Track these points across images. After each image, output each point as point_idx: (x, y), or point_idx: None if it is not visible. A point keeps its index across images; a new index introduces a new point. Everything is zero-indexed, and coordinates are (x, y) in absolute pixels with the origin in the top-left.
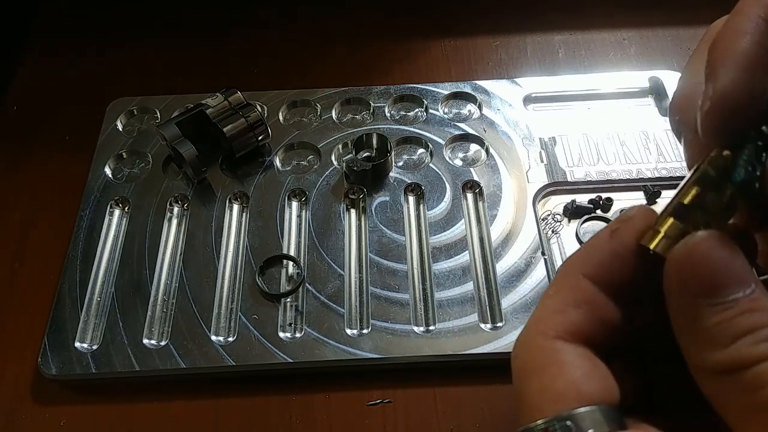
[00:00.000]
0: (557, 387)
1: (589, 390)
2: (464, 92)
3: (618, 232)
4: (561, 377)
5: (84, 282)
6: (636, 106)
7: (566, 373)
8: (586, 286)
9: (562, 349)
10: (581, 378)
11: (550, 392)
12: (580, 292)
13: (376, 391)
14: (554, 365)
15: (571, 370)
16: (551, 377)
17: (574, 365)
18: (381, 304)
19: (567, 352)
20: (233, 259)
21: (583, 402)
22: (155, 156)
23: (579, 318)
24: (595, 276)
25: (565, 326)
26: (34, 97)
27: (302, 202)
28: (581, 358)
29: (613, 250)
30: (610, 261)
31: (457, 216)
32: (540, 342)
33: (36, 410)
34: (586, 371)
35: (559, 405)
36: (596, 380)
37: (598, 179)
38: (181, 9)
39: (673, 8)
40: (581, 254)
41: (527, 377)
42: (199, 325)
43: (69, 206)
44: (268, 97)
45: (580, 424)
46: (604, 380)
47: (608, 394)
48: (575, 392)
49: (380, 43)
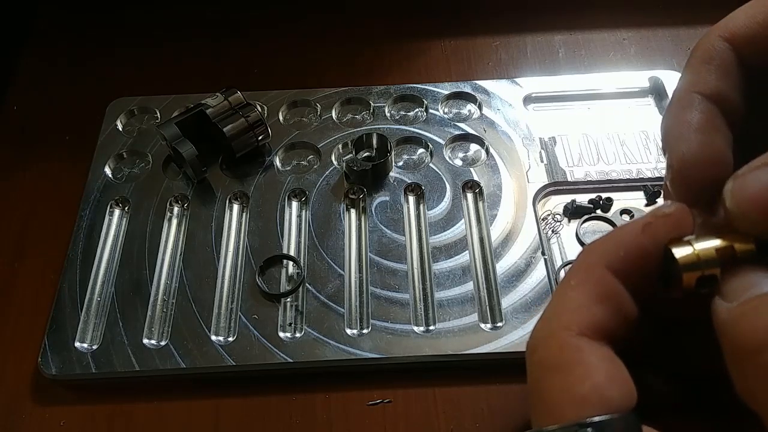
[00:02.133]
0: (582, 390)
1: (611, 396)
2: (464, 92)
3: (651, 227)
4: (586, 380)
5: (84, 282)
6: (636, 106)
7: (591, 377)
8: (611, 281)
9: (587, 348)
10: (605, 382)
11: (573, 395)
12: (604, 287)
13: (376, 391)
14: (579, 365)
15: (596, 373)
16: (576, 379)
17: (599, 368)
18: (381, 304)
19: (591, 352)
20: (233, 259)
21: (605, 408)
22: (155, 156)
23: (604, 315)
24: (620, 271)
25: (589, 323)
26: (34, 97)
27: (302, 202)
28: (605, 359)
29: (643, 246)
30: (638, 257)
31: (457, 216)
32: (564, 338)
33: (36, 410)
34: (611, 375)
35: (581, 410)
36: (618, 385)
37: (598, 179)
38: (181, 9)
39: (673, 8)
40: (606, 245)
41: (548, 375)
42: (199, 325)
43: (69, 206)
44: (268, 97)
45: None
46: (625, 385)
47: (629, 400)
48: (599, 397)
49: (380, 43)
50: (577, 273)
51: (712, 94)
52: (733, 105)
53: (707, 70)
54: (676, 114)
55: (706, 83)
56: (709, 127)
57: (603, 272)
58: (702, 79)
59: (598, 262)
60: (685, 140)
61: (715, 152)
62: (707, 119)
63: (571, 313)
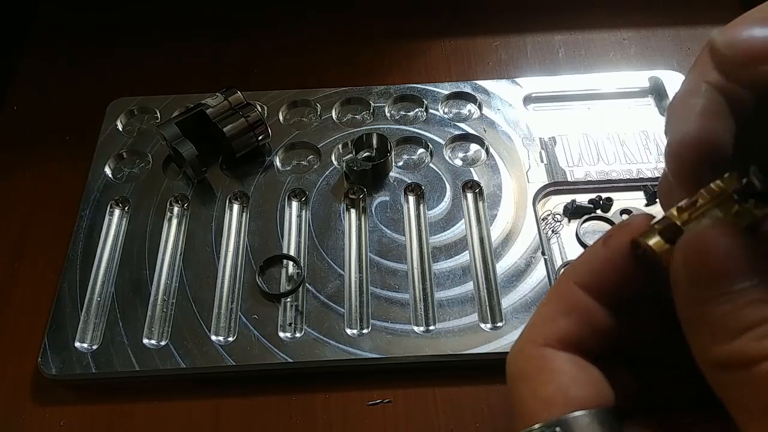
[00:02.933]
0: (546, 393)
1: (578, 395)
2: (464, 92)
3: (611, 239)
4: (549, 383)
5: (84, 282)
6: (636, 106)
7: (554, 380)
8: (577, 293)
9: (551, 356)
10: (569, 383)
11: (540, 399)
12: (570, 299)
13: (376, 391)
14: (543, 372)
15: (559, 376)
16: (540, 384)
17: (562, 371)
18: (381, 304)
19: (555, 359)
20: (233, 259)
21: (572, 407)
22: (155, 156)
23: (569, 326)
24: (587, 284)
25: (554, 334)
26: (34, 97)
27: (302, 202)
28: (569, 364)
29: (605, 257)
30: (602, 268)
31: (457, 216)
32: (530, 350)
33: (36, 410)
34: (574, 376)
35: (549, 411)
36: (586, 385)
37: (598, 179)
38: (181, 9)
39: (673, 8)
40: (576, 263)
41: (518, 384)
42: (199, 325)
43: (69, 206)
44: (268, 97)
45: (570, 429)
46: (594, 384)
47: (600, 397)
48: (563, 397)
49: (380, 43)
50: (549, 292)
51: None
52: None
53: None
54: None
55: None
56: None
57: (570, 287)
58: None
59: (567, 278)
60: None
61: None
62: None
63: (538, 327)
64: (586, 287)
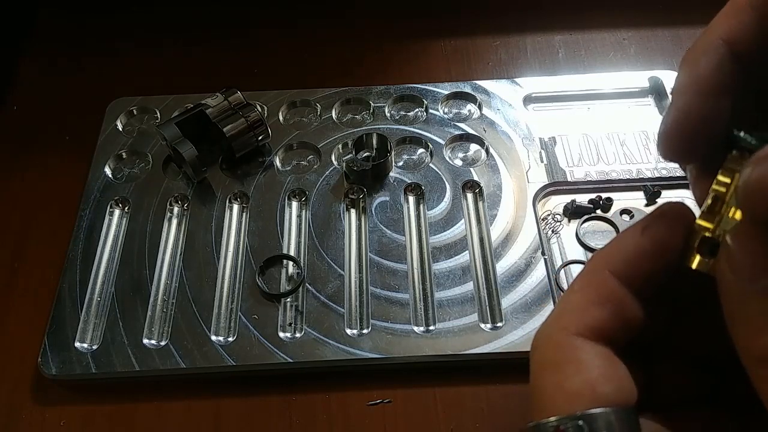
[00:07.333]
0: (573, 385)
1: (605, 391)
2: (464, 92)
3: (649, 228)
4: (578, 376)
5: (84, 282)
6: (636, 106)
7: (583, 372)
8: (612, 283)
9: (582, 346)
10: (598, 378)
11: (566, 390)
12: (606, 289)
13: (376, 391)
14: (572, 363)
15: (589, 369)
16: (568, 375)
17: (593, 364)
18: (381, 304)
19: (586, 351)
20: (233, 259)
21: (597, 403)
22: (155, 156)
23: (603, 316)
24: (622, 273)
25: (587, 324)
26: (34, 97)
27: (302, 202)
28: (600, 357)
29: (643, 248)
30: (638, 258)
31: (457, 216)
32: (560, 337)
33: (36, 410)
34: (604, 371)
35: (573, 404)
36: (614, 381)
37: (598, 179)
38: (181, 9)
39: (673, 8)
40: (610, 249)
41: (544, 372)
42: (199, 325)
43: (69, 206)
44: (268, 97)
45: (592, 425)
46: (621, 381)
47: (624, 395)
48: (591, 392)
49: (380, 43)
50: (581, 278)
51: (730, 38)
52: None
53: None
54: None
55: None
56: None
57: (605, 275)
58: (720, 23)
59: (601, 266)
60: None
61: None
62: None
63: (570, 314)
64: (622, 276)
